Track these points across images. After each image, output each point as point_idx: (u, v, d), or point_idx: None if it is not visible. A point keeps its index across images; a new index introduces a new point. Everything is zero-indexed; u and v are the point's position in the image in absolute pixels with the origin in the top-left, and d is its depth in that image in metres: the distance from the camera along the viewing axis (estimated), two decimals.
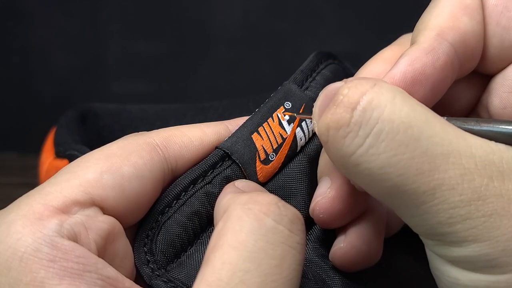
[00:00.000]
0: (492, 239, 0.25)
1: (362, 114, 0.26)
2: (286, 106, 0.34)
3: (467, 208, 0.26)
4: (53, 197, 0.28)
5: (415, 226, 0.27)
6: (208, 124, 0.33)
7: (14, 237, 0.26)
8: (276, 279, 0.26)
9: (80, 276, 0.26)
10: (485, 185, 0.26)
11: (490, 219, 0.25)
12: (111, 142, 0.31)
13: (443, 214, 0.26)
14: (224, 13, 0.78)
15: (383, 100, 0.26)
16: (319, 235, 0.34)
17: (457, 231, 0.26)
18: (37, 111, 0.81)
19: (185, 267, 0.31)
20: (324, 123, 0.27)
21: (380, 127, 0.26)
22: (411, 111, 0.26)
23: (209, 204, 0.31)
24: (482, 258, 0.26)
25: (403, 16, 0.78)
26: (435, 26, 0.30)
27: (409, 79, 0.29)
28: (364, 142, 0.26)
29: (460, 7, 0.31)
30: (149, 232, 0.31)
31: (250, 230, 0.26)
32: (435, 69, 0.30)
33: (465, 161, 0.26)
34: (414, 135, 0.26)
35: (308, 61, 0.36)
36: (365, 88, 0.27)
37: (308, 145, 0.34)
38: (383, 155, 0.26)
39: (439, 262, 0.28)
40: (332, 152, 0.28)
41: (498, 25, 0.31)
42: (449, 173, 0.26)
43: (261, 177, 0.33)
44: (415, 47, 0.30)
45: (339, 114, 0.27)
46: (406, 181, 0.26)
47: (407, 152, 0.26)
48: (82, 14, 0.79)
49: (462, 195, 0.26)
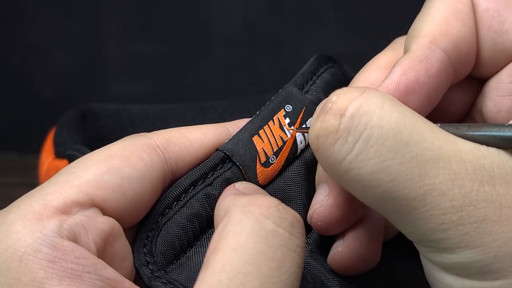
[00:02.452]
0: (484, 245, 0.25)
1: (351, 120, 0.26)
2: (286, 109, 0.34)
3: (459, 214, 0.25)
4: (53, 197, 0.28)
5: (408, 233, 0.27)
6: (208, 126, 0.33)
7: (14, 237, 0.26)
8: (276, 282, 0.26)
9: (79, 277, 0.26)
10: (475, 190, 0.25)
11: (482, 225, 0.25)
12: (111, 143, 0.31)
13: (434, 220, 0.26)
14: (224, 13, 0.78)
15: (372, 106, 0.26)
16: (318, 238, 0.34)
17: (450, 237, 0.26)
18: (37, 111, 0.81)
19: (185, 269, 0.30)
20: (314, 131, 0.27)
21: (369, 133, 0.26)
22: (400, 117, 0.26)
23: (209, 206, 0.31)
24: (475, 264, 0.26)
25: (403, 16, 0.78)
26: (427, 33, 0.30)
27: (403, 89, 0.29)
28: (353, 148, 0.26)
29: (452, 13, 0.31)
30: (149, 233, 0.30)
31: (251, 233, 0.26)
32: (429, 77, 0.30)
33: (455, 166, 0.26)
34: (404, 140, 0.26)
35: (308, 64, 0.36)
36: (354, 95, 0.27)
37: (308, 148, 0.34)
38: (372, 161, 0.26)
39: (433, 269, 0.28)
40: (322, 159, 0.28)
41: (490, 29, 0.31)
42: (439, 178, 0.25)
43: (262, 180, 0.33)
44: (408, 56, 0.30)
45: (328, 121, 0.27)
46: (397, 186, 0.26)
47: (396, 158, 0.26)
48: (82, 14, 0.79)
49: (453, 200, 0.25)
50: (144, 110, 0.52)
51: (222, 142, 0.33)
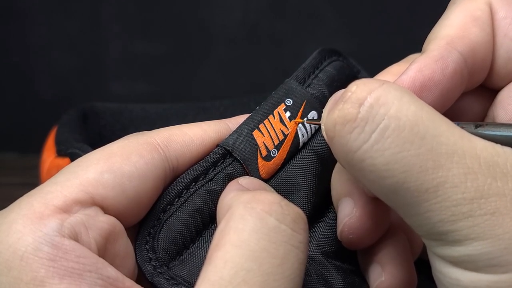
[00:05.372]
0: (494, 237, 0.25)
1: (369, 110, 0.27)
2: (287, 103, 0.34)
3: (470, 206, 0.26)
4: (53, 196, 0.28)
5: (417, 226, 0.27)
6: (208, 123, 0.33)
7: (15, 236, 0.26)
8: (279, 279, 0.26)
9: (80, 276, 0.26)
10: (488, 184, 0.26)
11: (493, 217, 0.25)
12: (112, 142, 0.31)
13: (445, 211, 0.26)
14: (224, 13, 0.78)
15: (391, 97, 0.27)
16: (323, 233, 0.34)
17: (460, 228, 0.26)
18: (37, 111, 0.81)
19: (187, 265, 0.30)
20: (331, 119, 0.27)
21: (386, 123, 0.26)
22: (418, 110, 0.27)
23: (211, 202, 0.31)
24: (484, 256, 0.26)
25: (403, 16, 0.78)
26: (445, 36, 0.31)
27: (418, 85, 0.30)
28: (370, 137, 0.26)
29: (471, 18, 0.31)
30: (151, 230, 0.30)
31: (253, 229, 0.27)
32: (444, 76, 0.30)
33: (469, 161, 0.26)
34: (420, 133, 0.26)
35: (311, 59, 0.36)
36: (373, 86, 0.27)
37: (310, 141, 0.34)
38: (388, 151, 0.26)
39: (441, 264, 0.28)
40: (337, 147, 0.28)
41: (506, 37, 0.31)
42: (453, 171, 0.26)
43: (264, 174, 0.33)
44: (424, 55, 0.30)
45: (346, 109, 0.27)
46: (410, 178, 0.26)
47: (412, 149, 0.26)
48: (82, 14, 0.79)
49: (465, 193, 0.26)
50: (145, 110, 0.52)
51: (223, 139, 0.33)
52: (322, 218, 0.35)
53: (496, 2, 0.32)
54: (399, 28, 0.75)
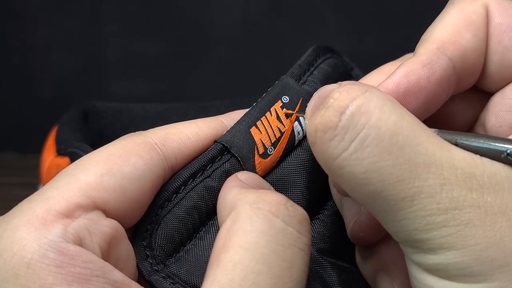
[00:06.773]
0: (466, 248, 0.26)
1: (350, 118, 0.26)
2: (283, 101, 0.34)
3: (444, 216, 0.26)
4: (55, 201, 0.27)
5: (394, 232, 0.28)
6: (203, 120, 0.33)
7: (20, 243, 0.26)
8: (288, 282, 0.26)
9: (88, 281, 0.26)
10: (463, 195, 0.26)
11: (466, 228, 0.26)
12: (109, 143, 0.30)
13: (420, 220, 0.26)
14: (224, 13, 0.78)
15: (372, 106, 0.27)
16: (317, 230, 0.34)
17: (433, 238, 0.26)
18: (37, 111, 0.81)
19: (185, 263, 0.30)
20: (313, 124, 0.27)
21: (366, 132, 0.26)
22: (399, 119, 0.26)
23: (208, 198, 0.31)
24: (456, 266, 0.26)
25: (402, 16, 0.78)
26: (436, 40, 0.31)
27: (402, 90, 0.30)
28: (349, 146, 0.26)
29: (465, 23, 0.31)
30: (148, 227, 0.30)
31: (261, 231, 0.27)
32: (429, 83, 0.30)
33: (446, 172, 0.26)
34: (399, 143, 0.26)
35: (306, 55, 0.36)
36: (356, 94, 0.27)
37: (305, 139, 0.34)
38: (366, 160, 0.26)
39: (416, 270, 0.28)
40: (318, 153, 0.28)
41: (500, 43, 0.31)
42: (429, 181, 0.26)
43: (260, 171, 0.33)
44: (413, 59, 0.30)
45: (327, 117, 0.27)
46: (387, 187, 0.26)
47: (389, 159, 0.26)
48: (82, 14, 0.79)
49: (440, 203, 0.26)
50: (146, 109, 0.52)
51: (218, 135, 0.33)
52: (317, 216, 0.35)
53: (493, 6, 0.31)
54: (399, 28, 0.75)
